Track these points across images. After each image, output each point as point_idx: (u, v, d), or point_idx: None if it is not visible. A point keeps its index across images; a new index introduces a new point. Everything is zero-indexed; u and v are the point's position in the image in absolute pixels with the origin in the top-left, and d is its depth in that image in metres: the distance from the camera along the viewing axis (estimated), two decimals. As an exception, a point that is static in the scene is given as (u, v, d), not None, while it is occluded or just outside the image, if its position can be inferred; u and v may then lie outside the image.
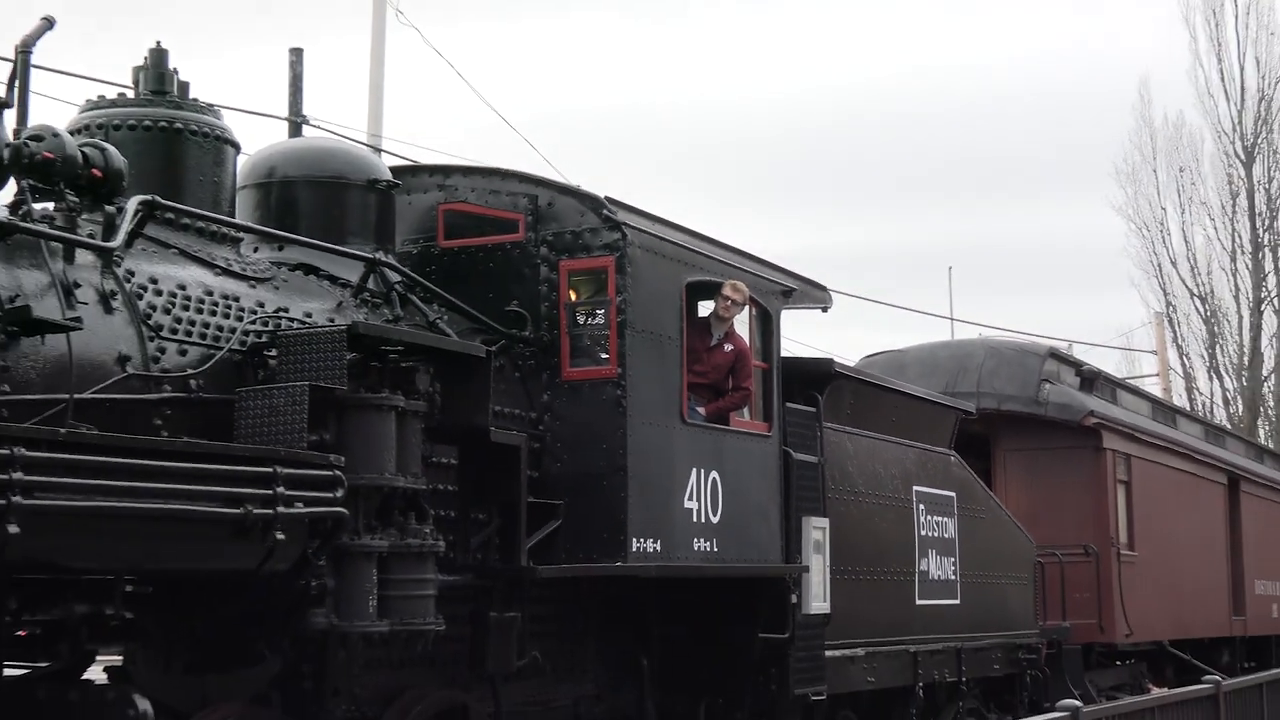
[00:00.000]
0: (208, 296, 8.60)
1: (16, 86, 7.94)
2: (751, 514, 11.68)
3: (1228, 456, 26.93)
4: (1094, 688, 19.04)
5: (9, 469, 6.45)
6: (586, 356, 10.53)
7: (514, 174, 11.21)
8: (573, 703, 11.16)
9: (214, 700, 8.27)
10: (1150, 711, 10.74)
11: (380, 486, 8.38)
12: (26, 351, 7.37)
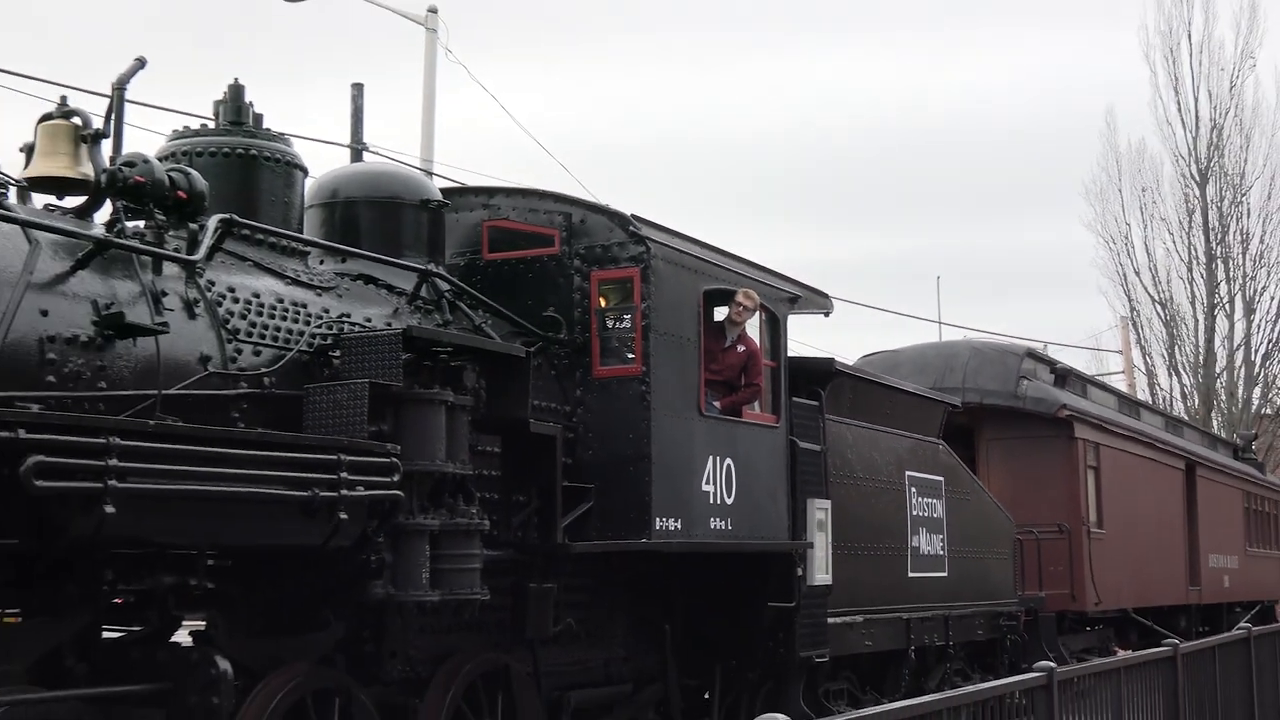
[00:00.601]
0: (279, 303, 8.64)
1: (113, 119, 7.97)
2: (762, 496, 11.67)
3: (1185, 445, 26.91)
4: (1066, 650, 19.01)
5: (105, 456, 6.51)
6: (615, 356, 10.54)
7: (550, 194, 11.22)
8: (603, 664, 11.18)
9: (285, 661, 8.28)
10: (1117, 672, 10.70)
11: (432, 472, 8.41)
12: (120, 353, 7.41)
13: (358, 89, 20.60)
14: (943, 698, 7.55)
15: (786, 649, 12.12)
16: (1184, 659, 12.02)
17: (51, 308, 7.15)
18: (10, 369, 6.82)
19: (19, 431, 6.24)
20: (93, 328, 7.29)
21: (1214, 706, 13.11)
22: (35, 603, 7.27)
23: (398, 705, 9.03)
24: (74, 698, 7.05)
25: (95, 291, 7.40)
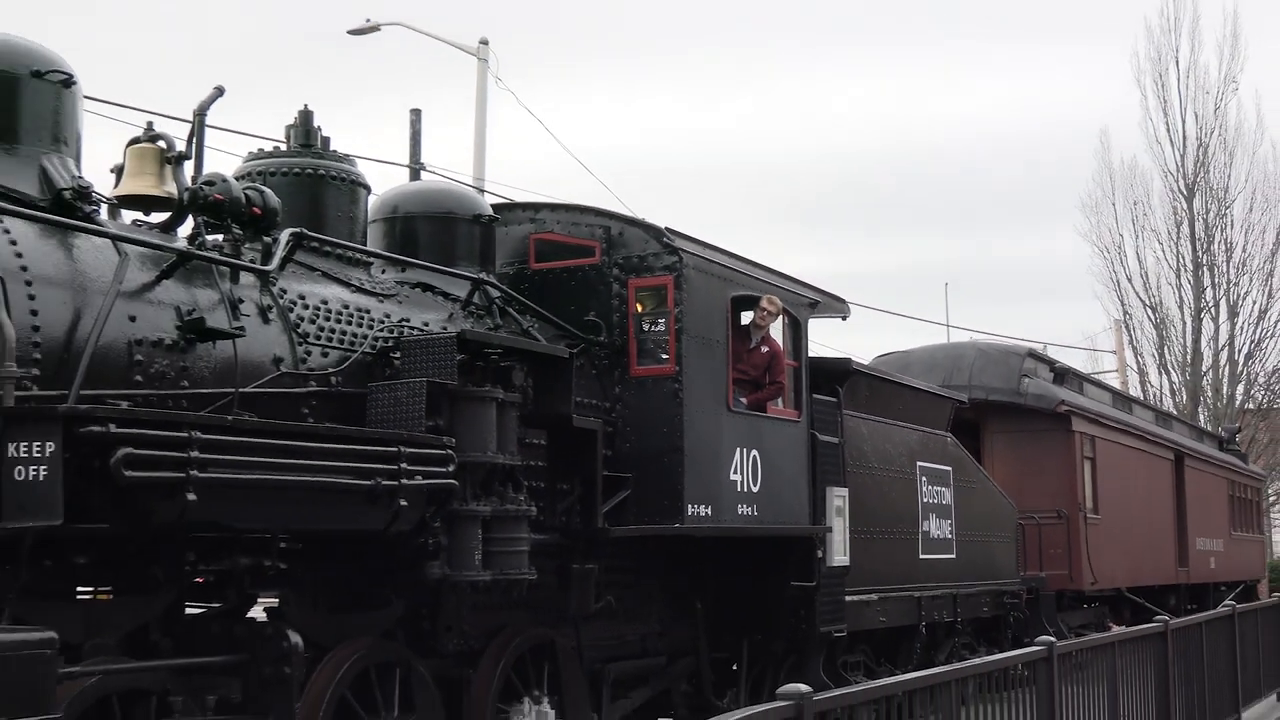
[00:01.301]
0: (344, 309, 8.66)
1: (194, 142, 8.00)
2: (785, 484, 11.65)
3: (1174, 437, 26.78)
4: (1065, 626, 18.91)
5: (187, 449, 6.52)
6: (650, 357, 10.53)
7: (591, 209, 11.22)
8: (640, 638, 11.17)
9: (351, 635, 8.31)
10: (1111, 646, 10.63)
11: (484, 463, 8.41)
12: (201, 354, 7.44)
13: (416, 114, 20.71)
14: (951, 669, 7.51)
15: (808, 625, 12.10)
16: (1173, 634, 11.95)
17: (139, 314, 7.18)
18: (102, 369, 6.85)
19: (110, 426, 6.26)
20: (176, 332, 7.33)
21: (1201, 677, 13.04)
22: (125, 582, 7.30)
23: (453, 676, 9.04)
24: (160, 668, 7.08)
25: (178, 299, 7.44)
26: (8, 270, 6.52)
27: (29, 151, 7.19)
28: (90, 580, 7.26)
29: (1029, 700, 8.50)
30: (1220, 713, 13.81)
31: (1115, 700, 10.25)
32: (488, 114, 24.11)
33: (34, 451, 6.13)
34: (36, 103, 7.27)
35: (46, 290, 6.74)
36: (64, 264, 6.92)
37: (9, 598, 6.51)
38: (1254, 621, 16.03)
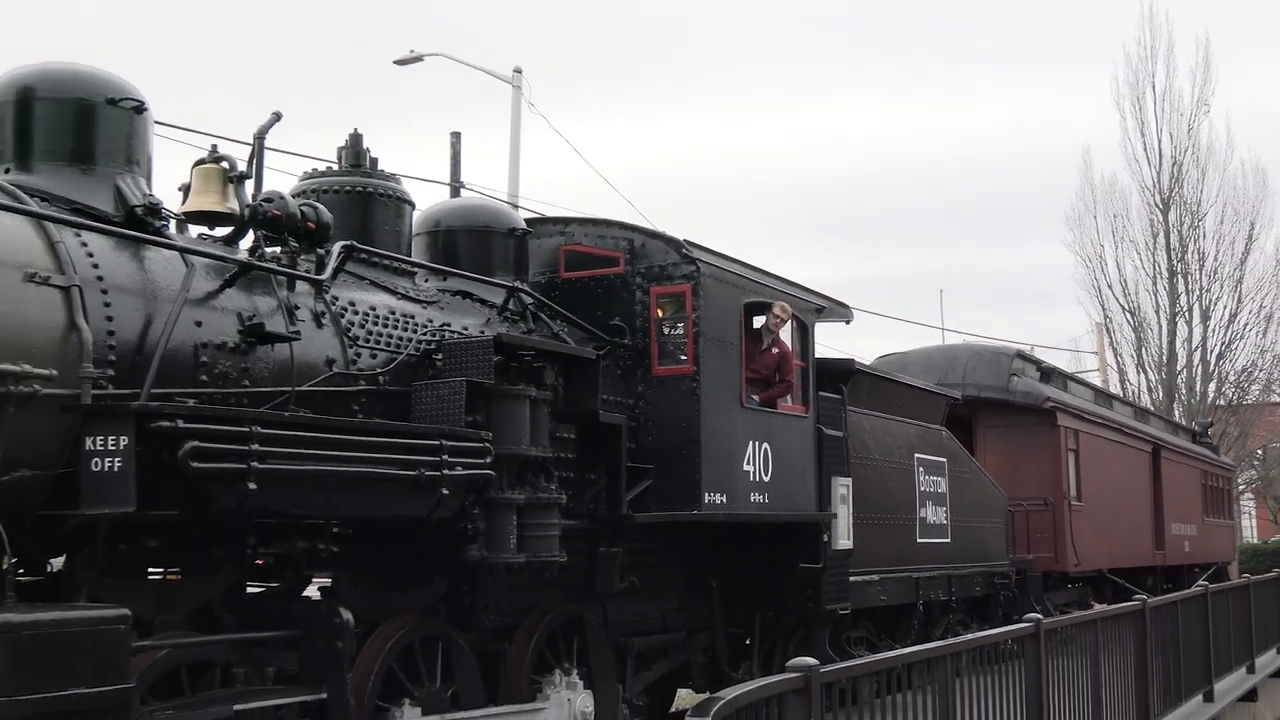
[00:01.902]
0: (391, 315, 8.67)
1: (254, 163, 8.02)
2: (793, 475, 11.64)
3: (1151, 431, 26.70)
4: (1051, 604, 18.86)
5: (248, 442, 6.55)
6: (670, 358, 10.52)
7: (616, 223, 11.22)
8: (661, 615, 11.16)
9: (397, 612, 8.33)
10: (1094, 622, 10.60)
11: (518, 455, 8.41)
12: (261, 356, 7.47)
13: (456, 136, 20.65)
14: (947, 644, 7.50)
15: (815, 603, 12.07)
16: (1151, 611, 11.92)
17: (204, 319, 7.21)
18: (171, 370, 6.88)
19: (178, 422, 6.29)
20: (238, 335, 7.35)
21: (1176, 652, 13.00)
22: (191, 564, 7.32)
23: (490, 649, 9.06)
24: (223, 641, 7.10)
25: (240, 305, 7.46)
26: (85, 280, 6.55)
27: (104, 172, 7.22)
28: (160, 562, 7.28)
29: (1018, 672, 8.49)
30: (1194, 685, 13.77)
31: (1097, 672, 10.22)
32: (521, 136, 24.16)
33: (109, 445, 6.16)
34: (111, 128, 7.30)
35: (120, 298, 6.77)
36: (136, 274, 6.95)
37: (87, 578, 6.55)
38: (1225, 600, 15.97)
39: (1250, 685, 16.14)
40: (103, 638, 5.75)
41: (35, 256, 6.38)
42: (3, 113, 7.21)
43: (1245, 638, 16.85)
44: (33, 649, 5.47)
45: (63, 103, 7.20)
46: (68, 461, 6.24)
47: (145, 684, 6.40)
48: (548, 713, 9.20)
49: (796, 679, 5.37)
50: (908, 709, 6.70)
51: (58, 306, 6.36)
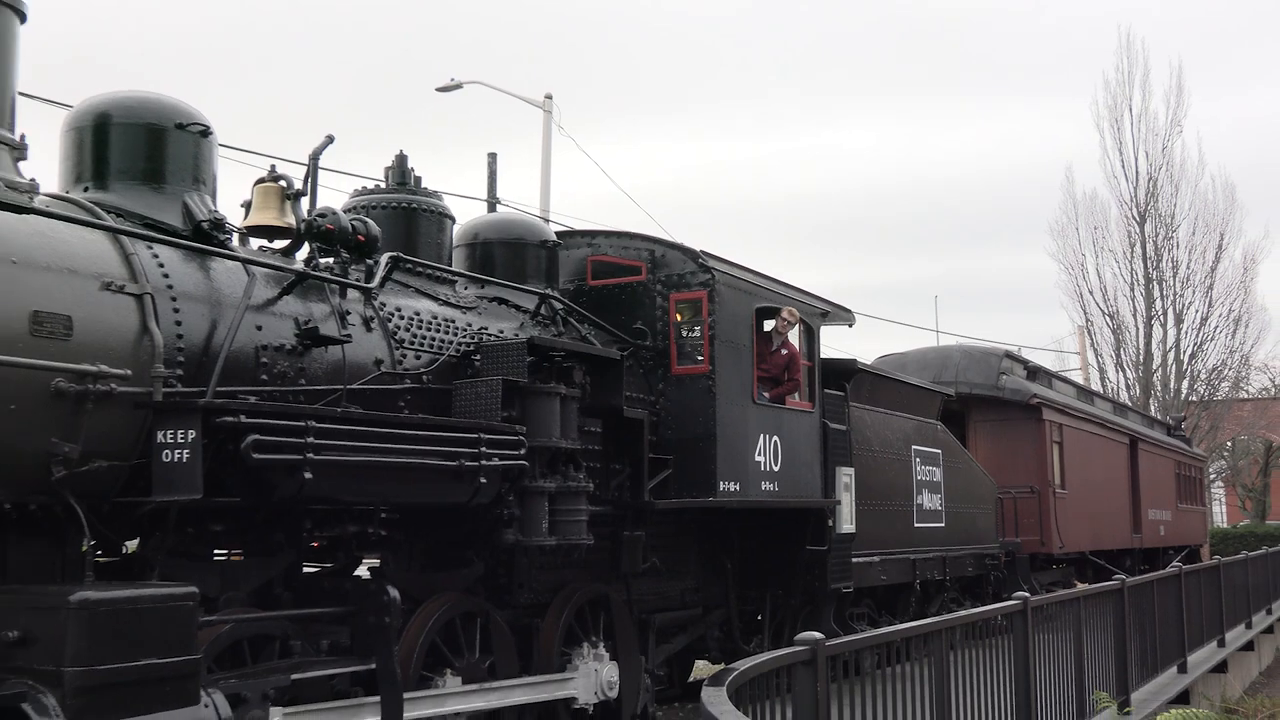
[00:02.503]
0: (434, 320, 8.68)
1: (309, 181, 8.04)
2: (801, 465, 11.62)
3: (1129, 425, 26.57)
4: (1037, 583, 18.79)
5: (304, 435, 6.57)
6: (688, 358, 10.51)
7: (639, 235, 11.22)
8: (680, 593, 11.16)
9: (440, 590, 8.35)
10: (1077, 600, 10.54)
11: (549, 447, 8.42)
12: (315, 357, 7.49)
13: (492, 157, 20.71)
14: (941, 620, 7.47)
15: (820, 582, 12.07)
16: (1129, 590, 11.85)
17: (264, 324, 7.23)
18: (234, 370, 6.90)
19: (240, 417, 6.31)
20: (295, 338, 7.36)
21: (1152, 627, 12.92)
22: (252, 546, 7.36)
23: (524, 624, 9.07)
24: (282, 617, 7.13)
25: (297, 311, 7.47)
26: (157, 288, 6.58)
27: (174, 190, 7.24)
28: (224, 544, 7.33)
29: (1007, 646, 8.45)
30: (1169, 657, 13.69)
31: (1080, 646, 10.17)
32: (552, 156, 24.17)
33: (178, 438, 6.19)
34: (180, 150, 7.33)
35: (188, 304, 6.79)
36: (202, 283, 6.98)
37: (158, 559, 6.59)
38: (1197, 580, 15.88)
39: (1221, 658, 16.05)
40: (173, 613, 5.77)
41: (111, 267, 6.41)
42: (82, 137, 7.25)
43: (1216, 614, 16.75)
44: (109, 623, 5.50)
45: (136, 127, 7.23)
46: (141, 453, 6.27)
47: (211, 655, 6.43)
48: (577, 682, 9.21)
49: (804, 651, 5.36)
50: (906, 679, 6.68)
51: (132, 312, 6.39)
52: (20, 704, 5.26)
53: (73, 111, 7.37)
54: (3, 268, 5.84)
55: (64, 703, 5.30)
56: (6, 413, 5.72)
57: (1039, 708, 8.70)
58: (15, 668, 5.39)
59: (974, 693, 7.64)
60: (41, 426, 5.87)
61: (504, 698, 8.44)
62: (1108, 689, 10.70)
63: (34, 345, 5.85)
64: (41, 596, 5.56)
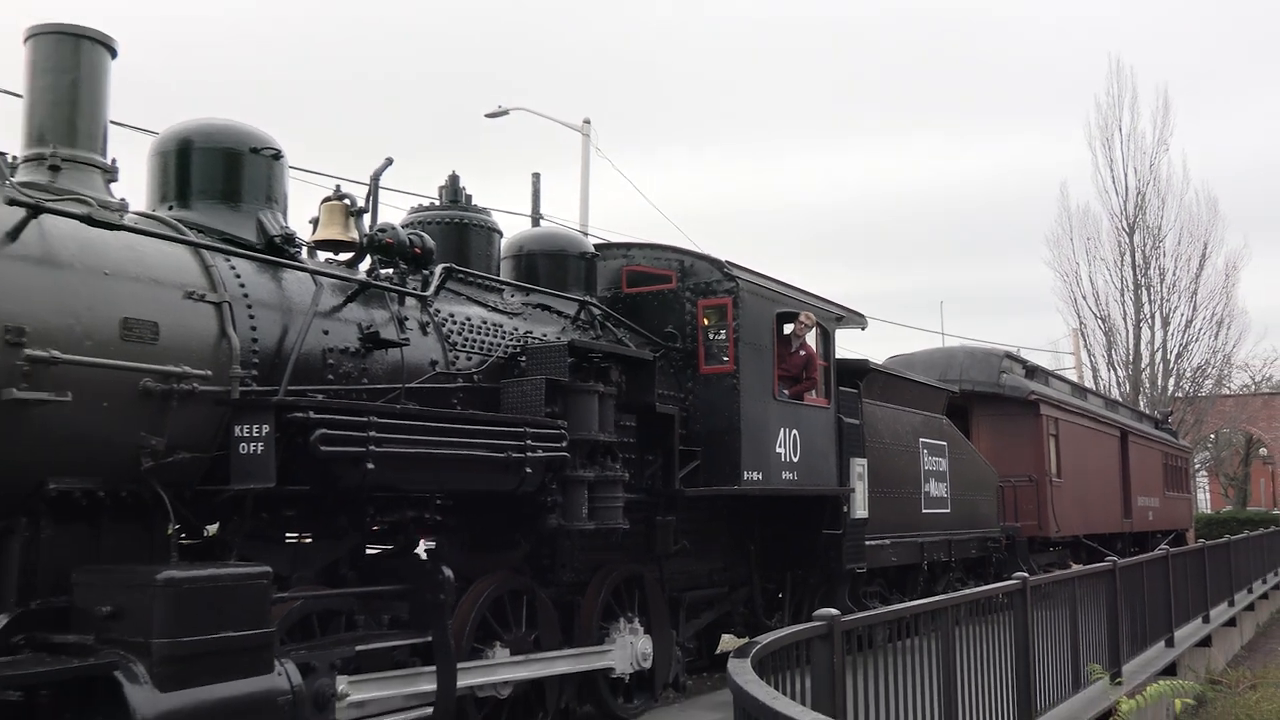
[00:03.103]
0: (483, 324, 8.70)
1: (371, 200, 8.07)
2: (818, 456, 11.58)
3: (1120, 419, 26.35)
4: (1035, 564, 18.65)
5: (367, 429, 6.60)
6: (714, 359, 10.50)
7: (670, 247, 11.21)
8: (707, 573, 11.14)
9: (489, 570, 8.36)
10: (1072, 580, 10.47)
11: (589, 439, 8.43)
12: (377, 359, 7.52)
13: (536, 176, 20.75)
14: (947, 598, 7.43)
15: (836, 563, 12.03)
16: (1120, 571, 11.76)
17: (331, 329, 7.26)
18: (303, 371, 6.94)
19: (309, 413, 6.35)
20: (358, 342, 7.39)
21: (1142, 605, 12.81)
22: (320, 530, 7.38)
23: (566, 601, 9.07)
24: (347, 594, 7.16)
25: (360, 317, 7.51)
26: (234, 297, 6.63)
27: (249, 208, 7.29)
28: (295, 528, 7.36)
29: (1008, 622, 8.40)
30: (1158, 632, 13.57)
31: (1075, 622, 10.09)
32: (590, 175, 24.22)
33: (254, 432, 6.23)
34: (254, 172, 7.37)
35: (262, 311, 6.83)
36: (275, 292, 7.02)
37: (236, 541, 6.62)
38: (1183, 561, 15.74)
39: (1206, 633, 15.91)
40: (249, 591, 5.81)
41: (193, 278, 6.46)
42: (167, 160, 7.31)
43: (1201, 593, 16.60)
44: (192, 600, 5.53)
45: (215, 152, 7.28)
46: (220, 445, 6.30)
47: (283, 628, 6.45)
48: (614, 653, 9.21)
49: (821, 626, 5.34)
50: (915, 653, 6.65)
51: (212, 319, 6.43)
52: (113, 671, 5.31)
53: (158, 138, 7.44)
54: (96, 279, 5.89)
55: (151, 671, 5.34)
56: (100, 409, 5.77)
57: (1038, 678, 8.64)
58: (109, 639, 5.45)
59: (978, 665, 7.60)
60: (131, 422, 5.92)
61: (548, 668, 8.45)
62: (1101, 662, 10.62)
63: (124, 349, 5.90)
64: (132, 575, 5.60)
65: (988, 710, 7.69)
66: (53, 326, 5.60)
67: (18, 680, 5.14)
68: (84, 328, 5.73)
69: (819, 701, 5.11)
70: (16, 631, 5.56)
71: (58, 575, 5.73)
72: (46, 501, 5.69)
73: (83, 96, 6.45)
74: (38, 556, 5.76)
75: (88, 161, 6.43)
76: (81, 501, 5.83)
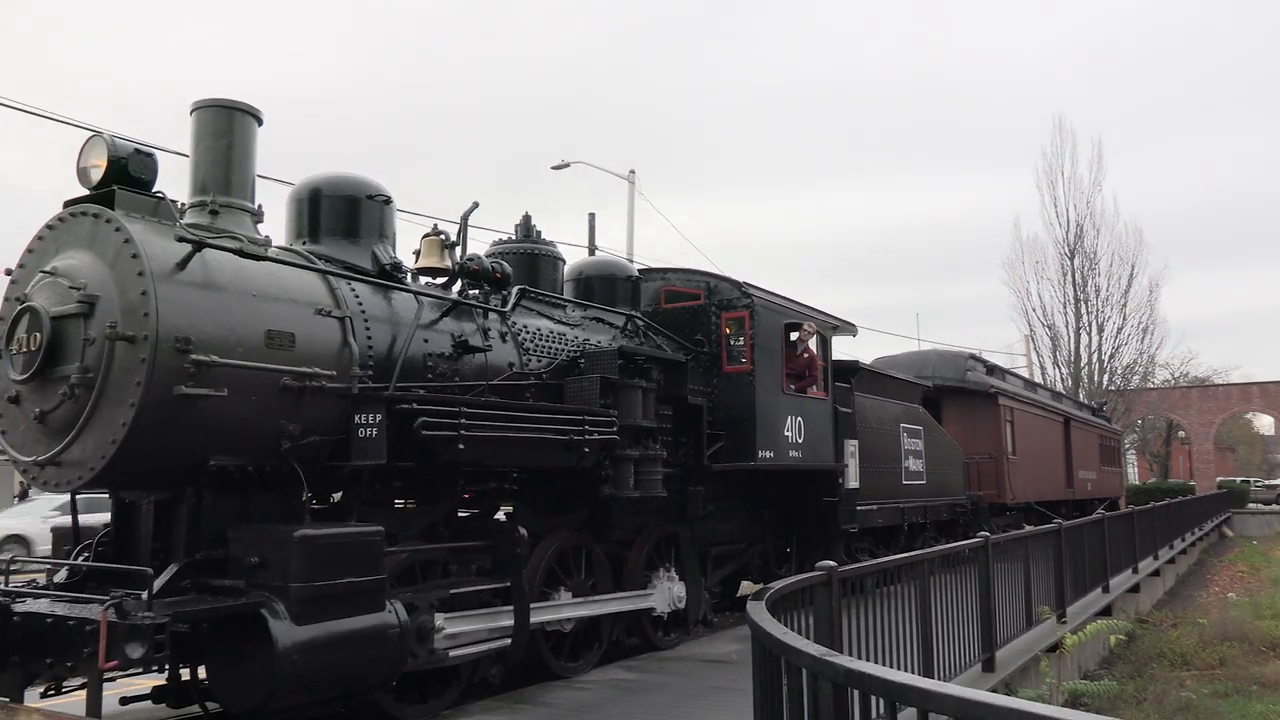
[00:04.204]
0: (550, 334, 8.71)
1: (461, 235, 8.12)
2: (818, 438, 11.49)
3: (1063, 408, 25.94)
4: (995, 525, 18.42)
5: (459, 417, 6.62)
6: (734, 360, 10.44)
7: (699, 271, 11.16)
8: (729, 532, 11.08)
9: (554, 529, 8.37)
10: (1025, 539, 10.32)
11: (635, 425, 8.41)
12: (466, 362, 7.55)
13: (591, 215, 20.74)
14: (924, 552, 7.35)
15: (833, 524, 11.93)
16: (1065, 531, 11.58)
17: (430, 338, 7.30)
18: (408, 371, 6.98)
19: (413, 404, 6.40)
20: (451, 348, 7.43)
21: (1082, 559, 12.61)
22: (421, 497, 7.42)
23: (617, 554, 9.05)
24: (443, 548, 7.20)
25: (452, 329, 7.54)
26: (354, 313, 6.68)
27: (365, 242, 7.35)
28: (402, 496, 7.41)
29: (974, 573, 8.29)
30: (1095, 581, 13.35)
31: (1027, 572, 9.95)
32: (635, 213, 24.23)
33: (369, 419, 6.28)
34: (369, 214, 7.43)
35: (376, 324, 6.89)
36: (386, 309, 7.07)
37: (356, 507, 6.68)
38: (1116, 523, 15.46)
39: (1135, 582, 15.63)
40: (365, 546, 5.85)
41: (322, 298, 6.52)
42: (301, 205, 7.39)
43: (1131, 549, 16.31)
44: (321, 553, 5.59)
45: (339, 198, 7.35)
46: (343, 430, 6.36)
47: (393, 576, 6.51)
48: (655, 596, 9.20)
49: (822, 575, 5.29)
50: (897, 597, 6.58)
51: (336, 331, 6.49)
52: (260, 609, 5.37)
53: (295, 187, 7.51)
54: (246, 299, 5.96)
55: (289, 608, 5.40)
56: (250, 402, 5.84)
57: (997, 617, 8.53)
58: (256, 584, 5.51)
59: (949, 607, 7.50)
60: (274, 412, 5.99)
61: (603, 607, 8.46)
62: (1049, 604, 10.46)
63: (268, 354, 5.97)
64: (274, 533, 5.67)
65: (959, 643, 7.60)
66: (212, 337, 5.68)
67: (186, 615, 5.22)
68: (236, 337, 5.81)
69: (820, 636, 5.06)
70: (184, 577, 5.65)
71: (216, 533, 5.81)
72: (208, 475, 5.77)
73: (235, 155, 6.53)
74: (201, 518, 5.84)
75: (240, 207, 6.51)
76: (235, 475, 5.91)
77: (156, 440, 5.48)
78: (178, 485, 5.82)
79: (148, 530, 5.98)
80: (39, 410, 5.64)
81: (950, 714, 2.61)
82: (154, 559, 5.86)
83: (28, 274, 5.96)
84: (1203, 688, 10.90)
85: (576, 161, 24.05)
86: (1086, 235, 40.88)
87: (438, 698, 6.84)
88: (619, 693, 7.47)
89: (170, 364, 5.45)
